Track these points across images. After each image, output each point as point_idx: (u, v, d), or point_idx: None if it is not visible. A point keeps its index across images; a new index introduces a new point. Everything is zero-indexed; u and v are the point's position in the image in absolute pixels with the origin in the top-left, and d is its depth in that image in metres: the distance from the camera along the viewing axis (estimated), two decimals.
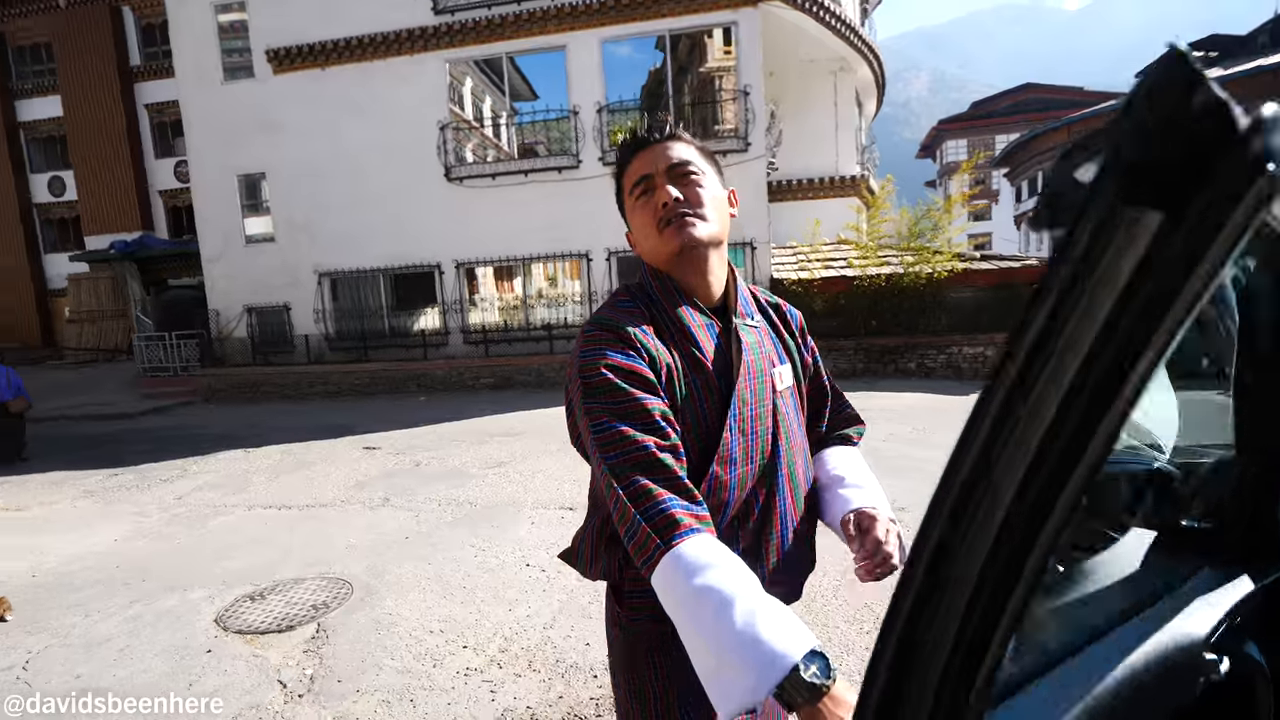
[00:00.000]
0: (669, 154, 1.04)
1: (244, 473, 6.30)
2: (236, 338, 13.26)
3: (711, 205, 1.04)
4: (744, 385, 1.00)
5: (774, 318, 1.17)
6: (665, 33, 11.45)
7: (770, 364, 1.06)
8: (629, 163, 1.08)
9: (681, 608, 0.76)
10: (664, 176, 1.03)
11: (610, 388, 0.91)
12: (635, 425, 0.89)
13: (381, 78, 12.10)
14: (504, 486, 5.38)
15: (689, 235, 1.00)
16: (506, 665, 2.73)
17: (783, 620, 0.71)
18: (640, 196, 1.05)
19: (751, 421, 1.00)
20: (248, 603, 3.37)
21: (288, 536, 4.40)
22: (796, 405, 1.12)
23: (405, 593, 3.44)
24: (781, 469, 1.04)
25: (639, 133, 1.08)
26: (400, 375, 11.87)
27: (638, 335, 0.96)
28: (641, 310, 1.02)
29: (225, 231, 13.11)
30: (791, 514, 1.06)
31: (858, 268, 11.33)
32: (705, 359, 1.00)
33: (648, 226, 1.04)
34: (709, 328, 1.04)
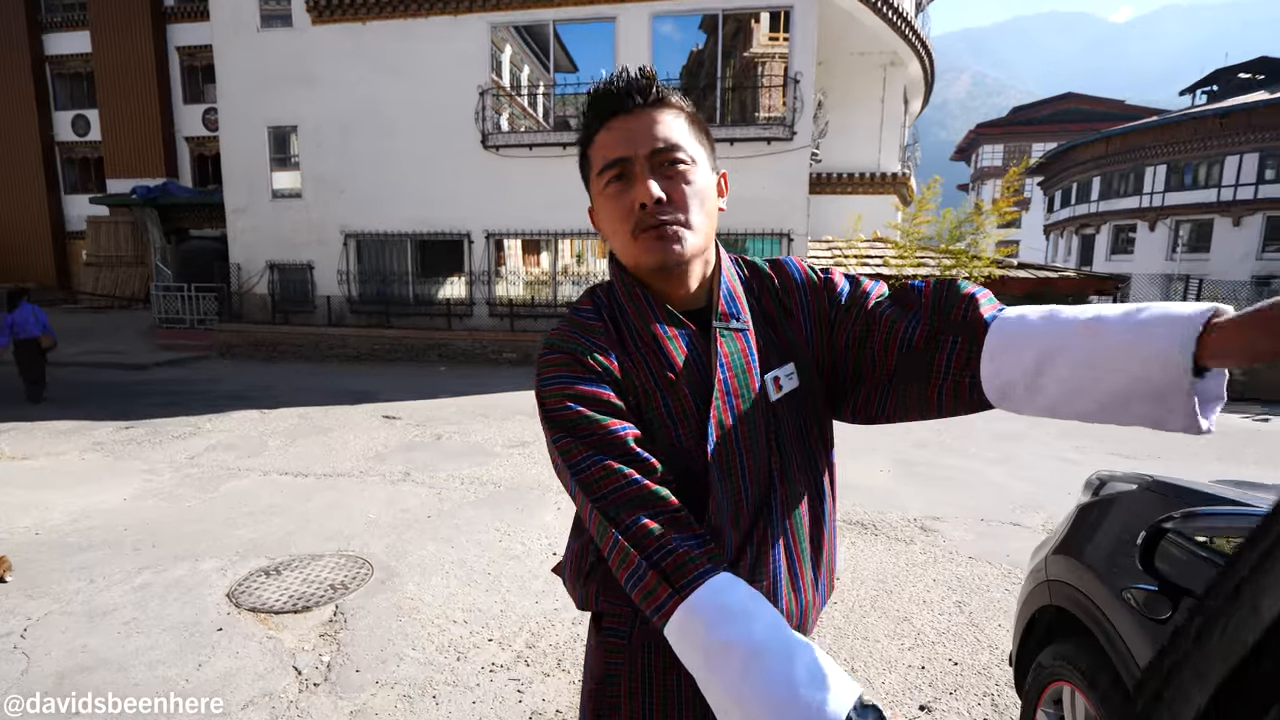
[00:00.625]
0: (654, 132, 0.82)
1: (259, 435, 6.12)
2: (257, 294, 13.11)
3: (700, 207, 0.84)
4: (721, 410, 0.83)
5: (768, 301, 0.92)
6: (719, 11, 11.06)
7: (758, 371, 0.87)
8: (598, 133, 0.86)
9: (705, 663, 0.65)
10: (645, 165, 0.82)
11: (580, 421, 0.78)
12: (616, 457, 0.76)
13: (422, 36, 11.82)
14: (528, 468, 5.16)
15: (672, 253, 0.82)
16: (534, 663, 2.55)
17: (822, 671, 0.61)
18: (612, 183, 0.84)
19: (740, 453, 0.84)
20: (262, 578, 3.16)
21: (304, 506, 4.20)
22: (802, 410, 0.91)
23: (428, 576, 3.24)
24: (776, 504, 0.86)
25: (613, 88, 0.84)
26: (421, 344, 11.71)
27: (599, 359, 0.82)
28: (605, 324, 0.87)
29: (251, 184, 12.92)
30: (784, 557, 0.87)
31: (894, 267, 11.07)
32: (680, 380, 0.84)
33: (619, 224, 0.84)
34: (684, 337, 0.87)
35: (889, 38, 13.72)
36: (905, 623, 2.92)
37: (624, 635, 0.88)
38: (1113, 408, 0.70)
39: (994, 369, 0.78)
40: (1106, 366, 0.69)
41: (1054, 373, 0.73)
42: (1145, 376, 0.66)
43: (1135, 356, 0.67)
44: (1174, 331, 0.64)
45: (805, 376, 0.92)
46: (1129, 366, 0.67)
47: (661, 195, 0.81)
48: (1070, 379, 0.72)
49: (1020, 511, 4.40)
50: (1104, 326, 0.70)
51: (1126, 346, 0.68)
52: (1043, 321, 0.76)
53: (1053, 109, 46.69)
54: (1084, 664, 1.55)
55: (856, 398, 0.91)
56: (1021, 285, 10.86)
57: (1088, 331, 0.71)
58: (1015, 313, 0.80)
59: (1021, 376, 0.75)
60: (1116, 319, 0.70)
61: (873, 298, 0.92)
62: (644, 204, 0.81)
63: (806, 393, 0.92)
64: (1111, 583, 1.49)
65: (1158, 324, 0.66)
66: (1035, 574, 1.91)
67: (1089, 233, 31.04)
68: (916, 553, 3.70)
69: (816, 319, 0.93)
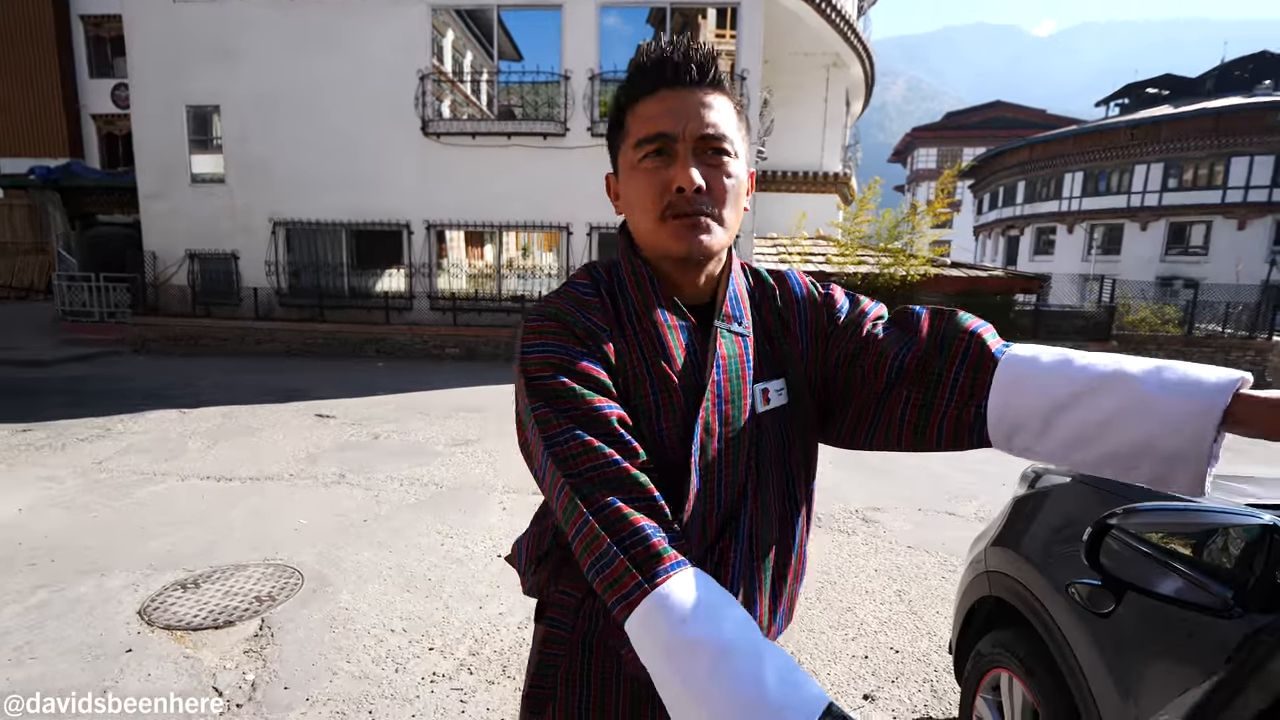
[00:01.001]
0: (705, 116, 0.77)
1: (178, 436, 5.73)
2: (175, 285, 12.32)
3: (734, 203, 0.81)
4: (710, 412, 0.80)
5: (767, 312, 0.90)
6: (667, 5, 11.04)
7: (751, 379, 0.85)
8: (642, 99, 0.80)
9: (667, 660, 0.61)
10: (690, 147, 0.77)
11: (565, 392, 0.74)
12: (599, 435, 0.72)
13: (359, 15, 11.32)
14: (472, 467, 5.01)
15: (700, 245, 0.78)
16: (478, 670, 2.46)
17: (793, 676, 0.58)
18: (649, 158, 0.78)
19: (720, 457, 0.81)
20: (179, 592, 2.93)
21: (228, 513, 3.94)
22: (786, 427, 0.88)
23: (363, 584, 3.09)
24: (745, 519, 0.83)
25: (672, 56, 0.78)
26: (358, 338, 11.28)
27: (593, 335, 0.78)
28: (603, 301, 0.82)
29: (168, 167, 12.10)
30: (743, 577, 0.84)
31: (836, 264, 11.37)
32: (673, 373, 0.81)
33: (648, 202, 0.79)
34: (684, 330, 0.83)
35: (832, 39, 14.01)
36: (849, 613, 2.97)
37: (566, 627, 0.86)
38: (1123, 460, 0.70)
39: (1003, 407, 0.76)
40: (1127, 420, 0.69)
41: (1069, 417, 0.72)
42: (1165, 436, 0.67)
43: (1160, 415, 0.67)
44: (1203, 398, 0.66)
45: (794, 395, 0.89)
46: (1150, 424, 0.68)
47: (702, 183, 0.77)
48: (1083, 427, 0.72)
49: (955, 501, 4.56)
50: (1129, 381, 0.70)
51: (1152, 404, 0.68)
52: (1059, 365, 0.75)
53: (982, 116, 48.95)
54: (1022, 652, 1.58)
55: (845, 419, 0.89)
56: (954, 283, 11.34)
57: (1111, 383, 0.71)
58: (1028, 352, 0.79)
59: (1033, 420, 0.74)
60: (1141, 375, 0.70)
61: (870, 317, 0.90)
62: (682, 188, 0.76)
63: (793, 411, 0.89)
64: (1049, 574, 1.53)
65: (1187, 387, 0.67)
66: (975, 564, 1.95)
67: (1014, 234, 32.68)
68: (859, 543, 3.78)
69: (814, 334, 0.90)
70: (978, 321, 0.83)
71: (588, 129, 11.21)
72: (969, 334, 0.81)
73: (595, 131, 11.17)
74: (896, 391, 0.83)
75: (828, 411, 0.92)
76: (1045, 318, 11.95)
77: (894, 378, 0.83)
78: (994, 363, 0.78)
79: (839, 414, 0.90)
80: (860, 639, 2.76)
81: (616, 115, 0.84)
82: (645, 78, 0.79)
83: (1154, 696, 1.14)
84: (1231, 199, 24.04)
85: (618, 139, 0.84)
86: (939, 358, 0.81)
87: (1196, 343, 11.63)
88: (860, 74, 16.34)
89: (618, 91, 0.83)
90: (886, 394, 0.84)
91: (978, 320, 0.84)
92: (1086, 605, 1.33)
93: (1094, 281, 13.72)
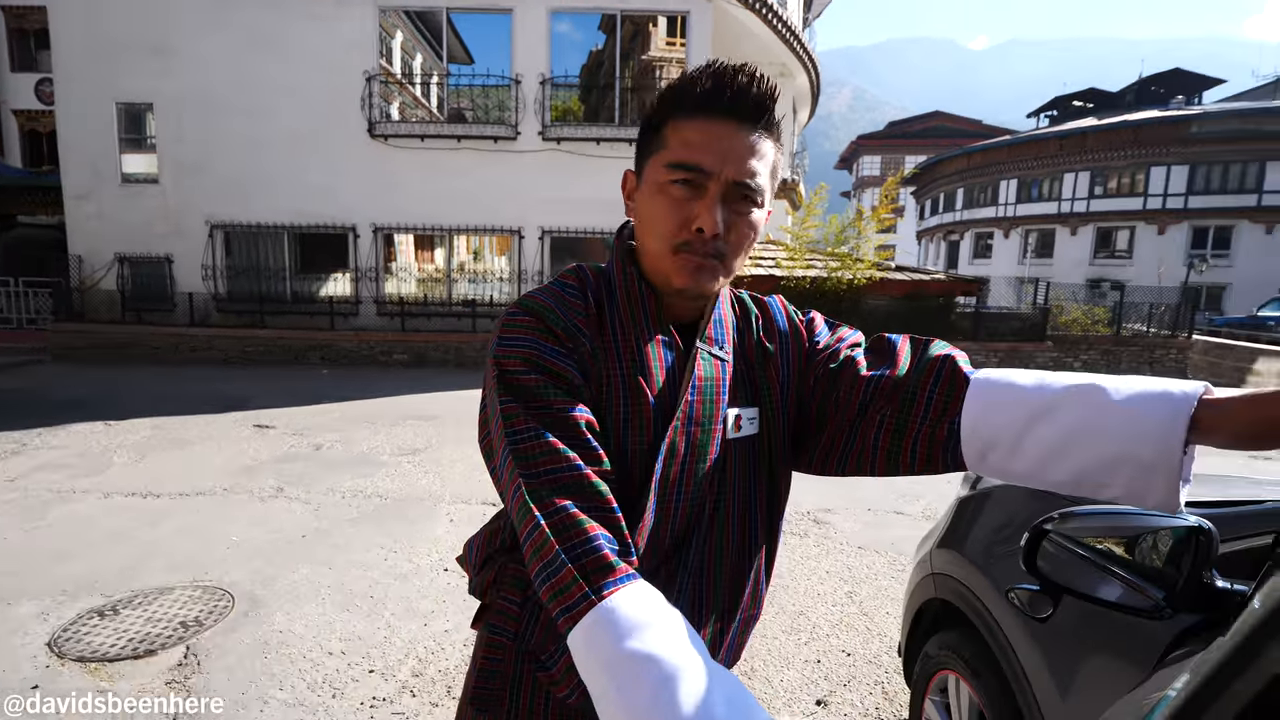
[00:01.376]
0: (747, 162, 0.74)
1: (102, 450, 5.39)
2: (103, 290, 11.65)
3: (746, 251, 0.80)
4: (678, 433, 0.79)
5: (749, 339, 0.89)
6: (617, 11, 11.05)
7: (725, 404, 0.83)
8: (689, 118, 0.75)
9: (609, 677, 0.58)
10: (721, 188, 0.74)
11: (537, 390, 0.72)
12: (564, 437, 0.70)
13: (301, 14, 10.97)
14: (419, 477, 4.87)
15: (701, 285, 0.78)
16: (421, 692, 2.36)
17: (743, 703, 0.55)
18: (679, 184, 0.75)
19: (680, 480, 0.79)
20: (95, 620, 2.73)
21: (153, 532, 3.72)
22: (755, 459, 0.87)
23: (300, 604, 2.94)
24: (696, 543, 0.82)
25: (733, 83, 0.73)
26: (301, 345, 10.88)
27: (573, 334, 0.77)
28: (588, 305, 0.80)
29: (96, 166, 11.46)
30: (690, 603, 0.82)
31: (785, 268, 11.53)
32: (649, 388, 0.79)
33: (665, 227, 0.77)
34: (666, 347, 0.82)
35: (779, 49, 14.25)
36: (801, 616, 2.99)
37: (508, 635, 0.83)
38: (1095, 474, 0.70)
39: (976, 422, 0.77)
40: (1097, 434, 0.70)
41: (1040, 432, 0.73)
42: (1135, 447, 0.67)
43: (1128, 425, 0.68)
44: (1169, 404, 0.67)
45: (767, 427, 0.88)
46: (1120, 433, 0.68)
47: (722, 229, 0.75)
48: (1055, 441, 0.72)
49: (903, 500, 4.65)
50: (1098, 394, 0.71)
51: (1120, 415, 0.69)
52: (1031, 382, 0.76)
53: (923, 125, 50.76)
54: (967, 654, 1.60)
55: (819, 444, 0.88)
56: (899, 286, 11.63)
57: (1081, 396, 0.72)
58: (999, 372, 0.79)
59: (1006, 436, 0.74)
60: (1109, 388, 0.71)
61: (848, 343, 0.91)
62: (702, 229, 0.74)
63: (764, 442, 0.87)
64: (991, 576, 1.55)
65: (1153, 397, 0.68)
66: (921, 566, 1.97)
67: (955, 239, 33.93)
68: (810, 545, 3.81)
69: (795, 359, 0.90)
70: (952, 348, 0.85)
71: (539, 133, 11.12)
72: (943, 357, 0.83)
73: (547, 136, 11.08)
74: (870, 414, 0.83)
75: (803, 438, 0.90)
76: (985, 319, 12.38)
77: (868, 399, 0.83)
78: (967, 381, 0.79)
79: (812, 440, 0.89)
80: (813, 643, 2.77)
81: (655, 120, 0.79)
82: (699, 95, 0.74)
83: (1093, 697, 1.15)
84: (1152, 205, 25.54)
85: (652, 145, 0.79)
86: (914, 378, 0.82)
87: (1124, 341, 12.23)
88: (806, 83, 16.68)
89: (664, 94, 0.78)
90: (860, 417, 0.83)
91: (952, 347, 0.85)
92: (1026, 610, 1.34)
93: (1029, 284, 14.31)
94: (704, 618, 0.83)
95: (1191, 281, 18.73)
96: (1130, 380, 0.72)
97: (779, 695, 2.41)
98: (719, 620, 0.85)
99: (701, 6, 10.92)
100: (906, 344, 0.86)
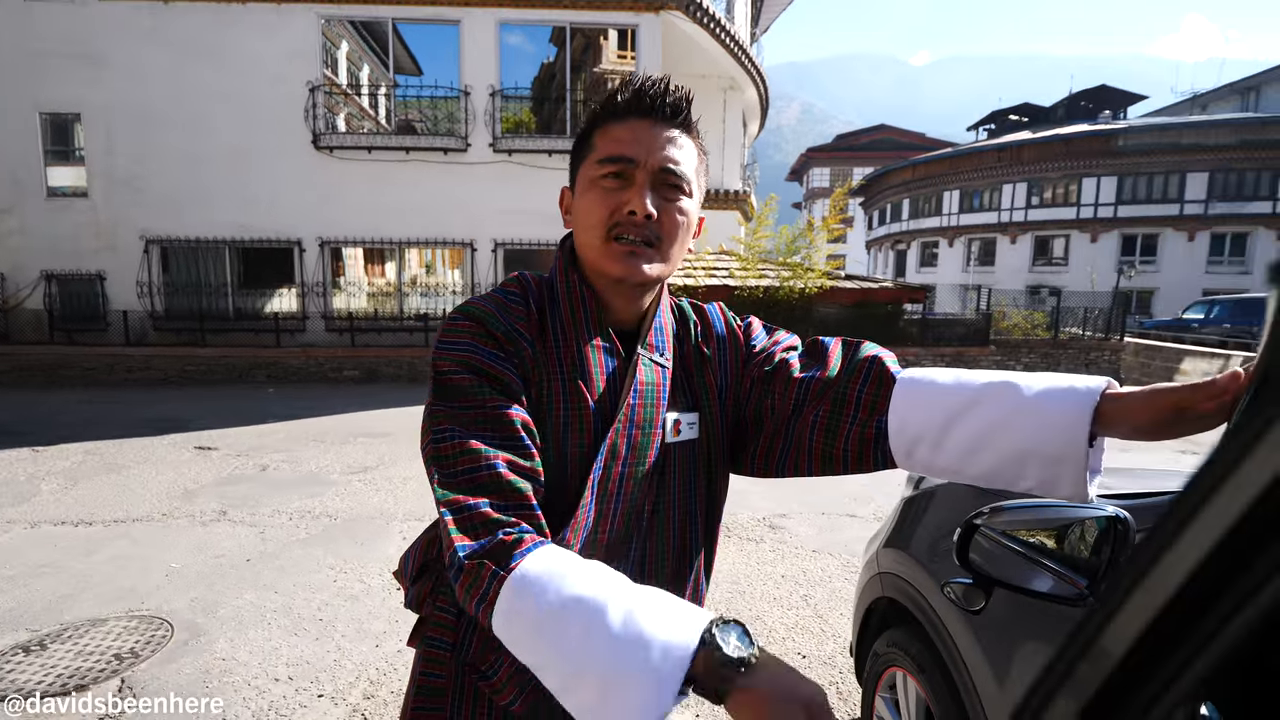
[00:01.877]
0: (669, 152, 0.80)
1: (29, 478, 5.09)
2: (29, 309, 11.04)
3: (679, 239, 0.83)
4: (619, 436, 0.81)
5: (688, 345, 0.92)
6: (566, 25, 11.11)
7: (665, 409, 0.86)
8: (614, 121, 0.81)
9: (539, 638, 0.58)
10: (649, 177, 0.79)
11: (471, 390, 0.74)
12: (489, 439, 0.71)
13: (240, 24, 10.69)
14: (370, 496, 4.75)
15: (636, 271, 0.80)
16: (373, 715, 2.31)
17: (671, 607, 0.57)
18: (607, 177, 0.80)
19: (620, 482, 0.81)
20: (20, 656, 2.57)
21: (84, 562, 3.52)
22: (694, 463, 0.89)
23: (244, 630, 2.83)
24: (636, 544, 0.84)
25: (650, 89, 0.81)
26: (245, 363, 10.50)
27: (513, 338, 0.78)
28: (530, 311, 0.82)
29: (19, 179, 10.89)
30: None
31: (739, 278, 11.70)
32: (589, 392, 0.81)
33: (594, 217, 0.80)
34: (607, 353, 0.84)
35: (727, 63, 14.53)
36: (758, 621, 3.02)
37: (446, 646, 0.83)
38: (1010, 467, 0.74)
39: (902, 420, 0.80)
40: (1008, 426, 0.74)
41: (959, 429, 0.77)
42: (1045, 438, 0.71)
43: (1037, 419, 0.72)
44: (1074, 399, 0.71)
45: (707, 432, 0.89)
46: (1029, 427, 0.72)
47: (653, 211, 0.78)
48: (973, 436, 0.76)
49: (855, 503, 4.75)
50: (1012, 390, 0.75)
51: (1029, 408, 0.73)
52: (951, 380, 0.80)
53: (870, 138, 52.32)
54: (914, 650, 1.64)
55: (756, 446, 0.90)
56: (849, 294, 11.93)
57: (996, 393, 0.76)
58: (923, 372, 0.83)
59: (929, 432, 0.78)
60: (1022, 385, 0.75)
61: (783, 346, 0.94)
62: (634, 211, 0.78)
63: (703, 447, 0.90)
64: (934, 573, 1.60)
65: (1060, 393, 0.72)
66: (869, 566, 2.02)
67: (902, 248, 35.01)
68: (766, 551, 3.86)
69: (732, 364, 0.92)
70: (880, 349, 0.88)
71: (490, 145, 11.06)
72: (871, 358, 0.86)
73: (498, 148, 11.03)
74: (804, 414, 0.85)
75: (741, 440, 0.92)
76: (931, 326, 12.80)
77: (802, 398, 0.86)
78: (893, 381, 0.83)
79: (751, 443, 0.91)
80: (769, 647, 2.80)
81: (585, 131, 0.85)
82: (621, 103, 0.81)
83: (1026, 684, 1.20)
84: (1084, 214, 26.88)
85: (583, 153, 0.84)
86: (844, 379, 0.85)
87: (1062, 345, 12.81)
88: (755, 97, 17.05)
89: (591, 111, 0.84)
90: (795, 417, 0.86)
91: (880, 348, 0.88)
92: (961, 604, 1.39)
93: (973, 291, 14.87)
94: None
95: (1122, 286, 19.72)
96: (1042, 377, 0.76)
97: None
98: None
99: (650, 21, 11.07)
100: (839, 346, 0.90)
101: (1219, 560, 0.30)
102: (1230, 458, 0.29)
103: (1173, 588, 0.31)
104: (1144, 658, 0.32)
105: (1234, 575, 0.29)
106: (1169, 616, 0.31)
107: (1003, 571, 1.25)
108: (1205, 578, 0.30)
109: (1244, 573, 0.29)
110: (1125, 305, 13.61)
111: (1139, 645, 0.32)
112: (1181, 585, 0.31)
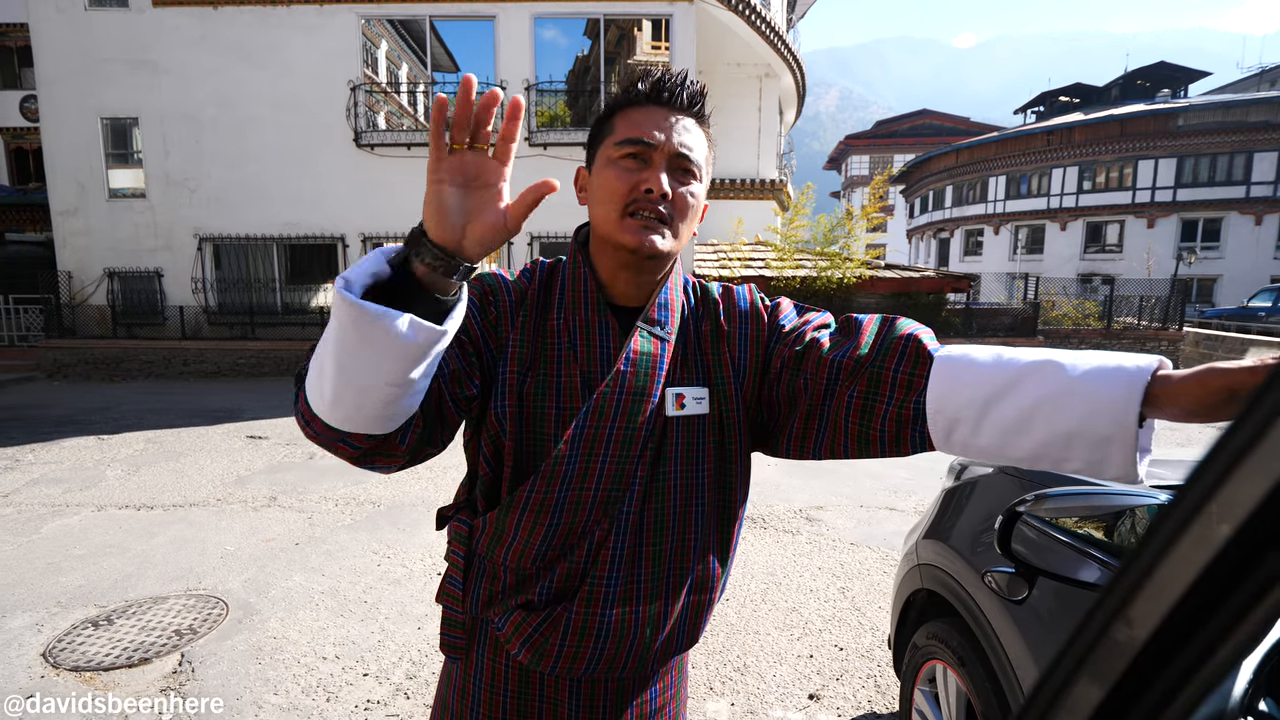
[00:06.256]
0: (683, 138, 0.85)
1: (95, 464, 5.38)
2: (93, 305, 11.60)
3: (690, 218, 0.88)
4: (608, 400, 0.83)
5: (706, 324, 0.93)
6: (600, 16, 11.08)
7: (663, 382, 0.87)
8: (633, 107, 0.87)
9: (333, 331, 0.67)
10: (665, 160, 0.84)
11: None
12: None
13: (284, 25, 10.95)
14: (411, 484, 4.87)
15: (650, 243, 0.83)
16: (415, 695, 2.37)
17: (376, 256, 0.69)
18: (626, 158, 0.85)
19: (607, 443, 0.83)
20: (89, 630, 2.73)
21: (147, 543, 3.71)
22: (703, 439, 0.89)
23: (294, 611, 2.94)
24: (628, 513, 0.85)
25: (666, 82, 0.87)
26: (293, 355, 10.84)
27: (495, 292, 0.87)
28: (532, 284, 0.90)
29: (83, 182, 11.42)
30: (627, 577, 0.85)
31: (775, 269, 11.57)
32: (581, 362, 0.86)
33: (615, 196, 0.84)
34: (604, 327, 0.88)
35: (763, 50, 14.32)
36: (794, 613, 3.00)
37: (459, 586, 0.90)
38: (1054, 448, 0.71)
39: (940, 399, 0.78)
40: (1054, 406, 0.71)
41: (1000, 410, 0.74)
42: (1091, 420, 0.68)
43: (1084, 399, 0.69)
44: (1124, 379, 0.68)
45: (722, 407, 0.90)
46: (1076, 407, 0.69)
47: (668, 191, 0.84)
48: (1016, 417, 0.73)
49: (895, 496, 4.68)
50: (1056, 369, 0.72)
51: (1076, 388, 0.70)
52: (992, 358, 0.77)
53: (911, 124, 50.87)
54: (954, 643, 1.61)
55: (793, 427, 0.89)
56: (888, 284, 11.69)
57: (1040, 371, 0.73)
58: (960, 350, 0.80)
59: (969, 412, 0.76)
60: (1067, 364, 0.72)
61: (815, 324, 0.93)
62: (650, 190, 0.83)
63: (715, 422, 0.90)
64: (975, 564, 1.57)
65: (1108, 372, 0.69)
66: (908, 558, 1.99)
67: (944, 236, 34.06)
68: (802, 543, 3.83)
69: (753, 341, 0.93)
70: (917, 325, 0.86)
71: (525, 138, 11.13)
72: (907, 335, 0.84)
73: (533, 141, 11.10)
74: (839, 394, 0.84)
75: (775, 423, 0.92)
76: (975, 315, 12.45)
77: (835, 376, 0.84)
78: (930, 359, 0.80)
79: (785, 423, 0.90)
80: (805, 638, 2.78)
81: (605, 115, 0.89)
82: (642, 91, 0.86)
83: None
84: (1140, 199, 25.68)
85: (602, 135, 0.88)
86: (879, 357, 0.83)
87: (1115, 335, 12.32)
88: (792, 84, 16.75)
89: (612, 98, 0.90)
90: (829, 396, 0.85)
91: (917, 324, 0.86)
92: (1003, 594, 1.36)
93: (1020, 280, 14.39)
94: (644, 585, 0.86)
95: (1181, 274, 18.84)
96: (1088, 356, 0.73)
97: (772, 690, 2.43)
98: (663, 602, 0.87)
99: (684, 9, 10.96)
100: (872, 323, 0.88)
101: (1253, 530, 0.28)
102: (1268, 417, 0.27)
103: (1200, 563, 0.30)
104: (1171, 639, 0.31)
105: (1266, 550, 0.28)
106: (1196, 593, 0.30)
107: (1046, 561, 1.21)
108: (1239, 549, 0.29)
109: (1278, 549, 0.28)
110: (1184, 294, 12.97)
111: (1167, 623, 0.31)
112: (1210, 562, 0.29)
